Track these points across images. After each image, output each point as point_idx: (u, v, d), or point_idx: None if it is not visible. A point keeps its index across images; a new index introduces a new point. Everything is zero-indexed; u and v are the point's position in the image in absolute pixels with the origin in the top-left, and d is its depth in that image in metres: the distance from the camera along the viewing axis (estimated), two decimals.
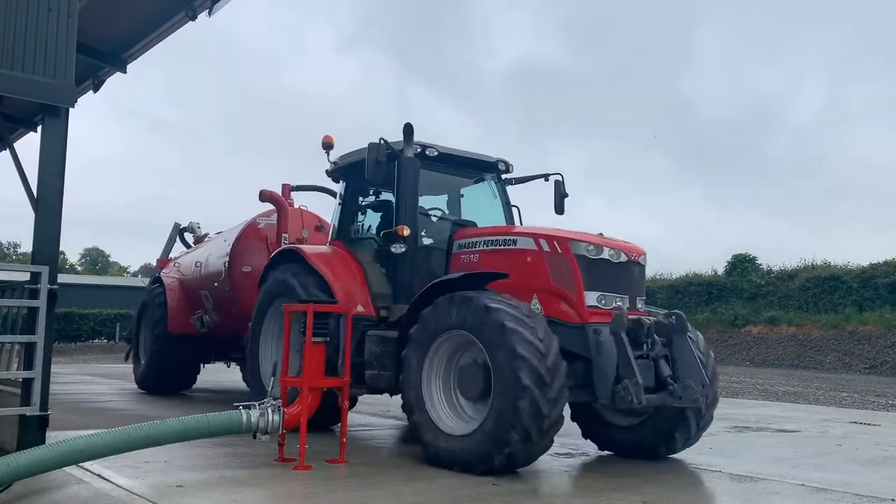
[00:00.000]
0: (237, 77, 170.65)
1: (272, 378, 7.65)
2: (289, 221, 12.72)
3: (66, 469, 6.19)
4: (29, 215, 7.11)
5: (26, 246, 55.78)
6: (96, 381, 20.26)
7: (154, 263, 18.19)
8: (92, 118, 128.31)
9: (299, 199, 13.95)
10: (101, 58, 12.73)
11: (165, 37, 12.30)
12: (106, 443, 5.98)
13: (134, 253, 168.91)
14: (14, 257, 77.36)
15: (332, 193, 12.07)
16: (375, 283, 8.88)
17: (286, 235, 12.37)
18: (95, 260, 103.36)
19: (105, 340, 42.52)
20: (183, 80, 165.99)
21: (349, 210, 9.69)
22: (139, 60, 13.10)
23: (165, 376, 14.90)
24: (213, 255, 13.93)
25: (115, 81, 13.64)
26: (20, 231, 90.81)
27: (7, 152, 9.07)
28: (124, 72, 13.11)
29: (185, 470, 6.76)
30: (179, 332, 14.48)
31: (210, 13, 11.37)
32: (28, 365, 6.74)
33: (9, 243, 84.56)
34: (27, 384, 6.71)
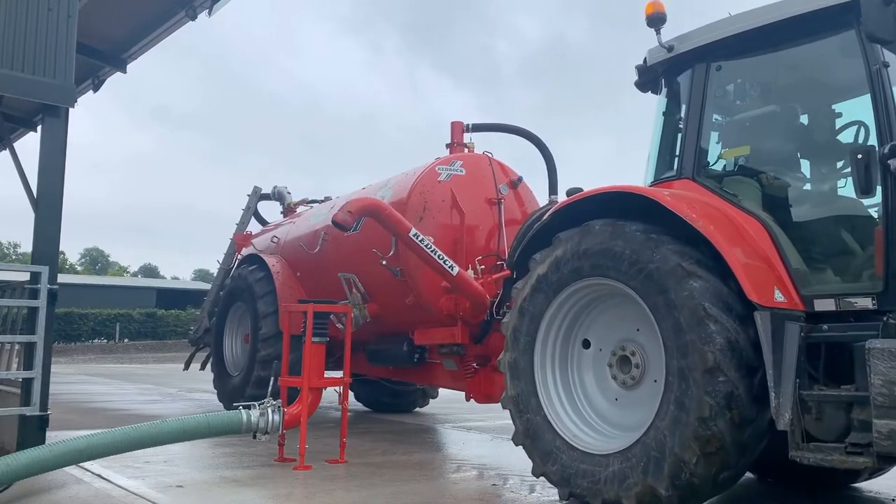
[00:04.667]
0: (239, 72, 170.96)
1: (272, 379, 7.63)
2: (412, 204, 8.93)
3: (66, 469, 6.19)
4: (29, 215, 7.11)
5: (26, 246, 55.88)
6: (96, 381, 20.31)
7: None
8: (92, 117, 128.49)
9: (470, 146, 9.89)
10: (101, 58, 12.72)
11: (165, 37, 12.30)
12: (106, 443, 5.98)
13: (134, 253, 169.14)
14: (14, 257, 77.40)
15: (518, 132, 9.81)
16: (794, 253, 5.08)
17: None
18: (95, 260, 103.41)
19: (105, 340, 42.56)
20: (184, 78, 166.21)
21: (706, 127, 5.72)
22: (141, 58, 13.11)
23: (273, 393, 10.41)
24: (358, 221, 9.24)
25: (115, 79, 13.65)
26: (20, 231, 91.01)
27: (7, 152, 9.08)
28: (124, 72, 13.11)
29: (185, 470, 6.76)
30: (293, 331, 9.76)
31: (210, 13, 11.37)
32: (28, 365, 6.75)
33: (9, 243, 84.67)
34: (27, 384, 6.71)
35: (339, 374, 8.10)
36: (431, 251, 8.05)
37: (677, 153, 5.83)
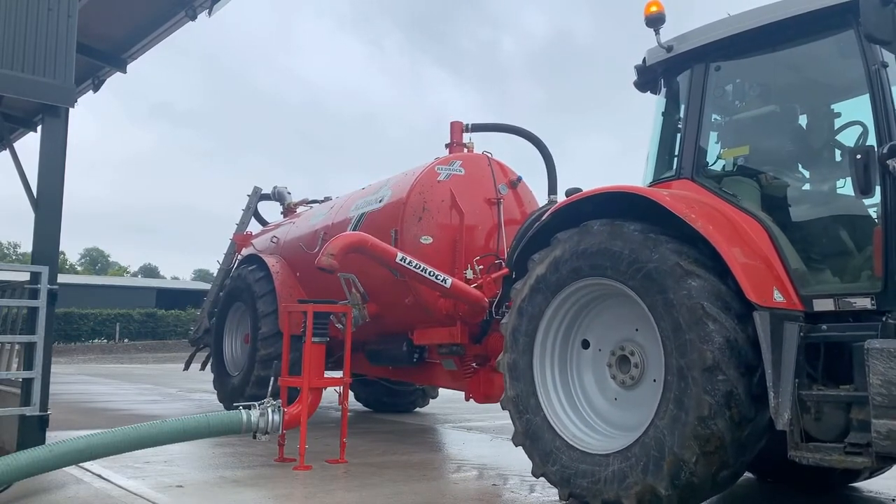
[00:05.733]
0: (239, 71, 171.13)
1: (272, 379, 7.63)
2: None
3: (66, 469, 6.19)
4: (29, 215, 7.12)
5: (26, 246, 55.98)
6: (96, 381, 20.32)
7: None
8: (92, 116, 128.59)
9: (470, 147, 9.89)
10: (101, 58, 12.74)
11: (165, 37, 12.32)
12: (106, 443, 5.99)
13: (134, 253, 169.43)
14: (14, 257, 77.43)
15: (517, 132, 9.88)
16: (793, 253, 5.08)
17: (395, 231, 8.90)
18: (95, 260, 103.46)
19: (105, 340, 42.57)
20: (184, 77, 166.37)
21: (705, 127, 5.72)
22: (140, 57, 13.11)
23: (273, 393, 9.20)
24: (356, 221, 9.80)
25: (115, 78, 13.65)
26: (20, 231, 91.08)
27: (7, 152, 9.08)
28: (124, 72, 13.13)
29: (185, 470, 6.77)
30: (293, 331, 9.26)
31: (210, 13, 11.39)
32: (28, 365, 6.75)
33: (9, 243, 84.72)
34: (27, 384, 6.72)
35: (339, 374, 8.11)
36: (421, 270, 8.09)
37: (676, 153, 5.82)
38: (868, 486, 6.68)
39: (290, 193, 13.24)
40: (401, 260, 8.05)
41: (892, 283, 4.51)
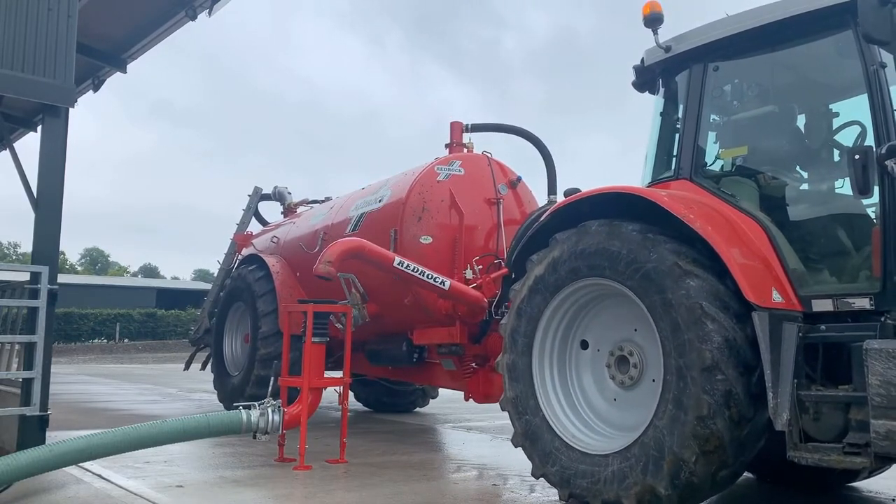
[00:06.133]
0: (239, 71, 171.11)
1: (272, 379, 7.64)
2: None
3: (66, 469, 6.20)
4: (29, 215, 7.13)
5: (26, 246, 55.99)
6: (96, 381, 20.33)
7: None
8: (92, 116, 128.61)
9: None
10: (101, 58, 12.75)
11: (165, 37, 12.33)
12: (106, 443, 5.99)
13: (134, 253, 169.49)
14: (14, 257, 77.44)
15: (517, 132, 9.92)
16: (791, 254, 5.07)
17: (395, 231, 8.92)
18: (95, 260, 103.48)
19: (105, 340, 42.59)
20: (184, 76, 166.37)
21: (703, 127, 5.73)
22: (140, 57, 13.11)
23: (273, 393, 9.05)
24: (356, 221, 9.79)
25: (114, 78, 13.65)
26: (20, 231, 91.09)
27: (7, 152, 9.09)
28: (124, 72, 13.14)
29: (185, 470, 6.77)
30: (293, 331, 8.99)
31: (210, 13, 11.40)
32: (28, 365, 6.76)
33: (9, 243, 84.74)
34: (27, 384, 6.72)
35: (339, 374, 8.12)
36: (420, 273, 8.09)
37: (675, 154, 5.81)
38: (867, 485, 6.69)
39: (290, 193, 13.32)
40: (398, 264, 8.05)
41: (891, 284, 4.51)
